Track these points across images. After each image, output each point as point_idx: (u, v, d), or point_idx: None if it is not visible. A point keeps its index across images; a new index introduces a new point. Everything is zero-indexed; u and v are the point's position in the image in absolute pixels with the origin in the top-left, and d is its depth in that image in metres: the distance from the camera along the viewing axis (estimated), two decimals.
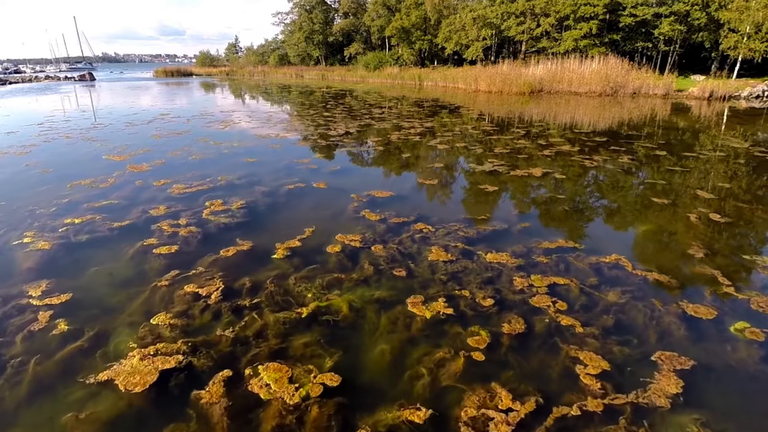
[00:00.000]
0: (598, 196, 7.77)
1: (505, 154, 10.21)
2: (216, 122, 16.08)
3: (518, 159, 9.83)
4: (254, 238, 5.55)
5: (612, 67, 26.25)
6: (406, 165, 9.50)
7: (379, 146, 11.60)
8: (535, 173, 8.54)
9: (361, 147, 11.59)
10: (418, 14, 42.69)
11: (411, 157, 10.26)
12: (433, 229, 5.78)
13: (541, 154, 10.25)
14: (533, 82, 27.17)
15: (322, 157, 10.39)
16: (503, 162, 9.47)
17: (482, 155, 10.20)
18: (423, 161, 9.88)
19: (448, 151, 10.85)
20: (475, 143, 11.64)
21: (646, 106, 20.65)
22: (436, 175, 8.56)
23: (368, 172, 9.10)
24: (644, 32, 30.64)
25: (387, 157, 10.50)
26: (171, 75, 62.43)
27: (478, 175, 8.54)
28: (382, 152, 10.91)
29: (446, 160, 9.92)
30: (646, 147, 11.17)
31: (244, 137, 12.89)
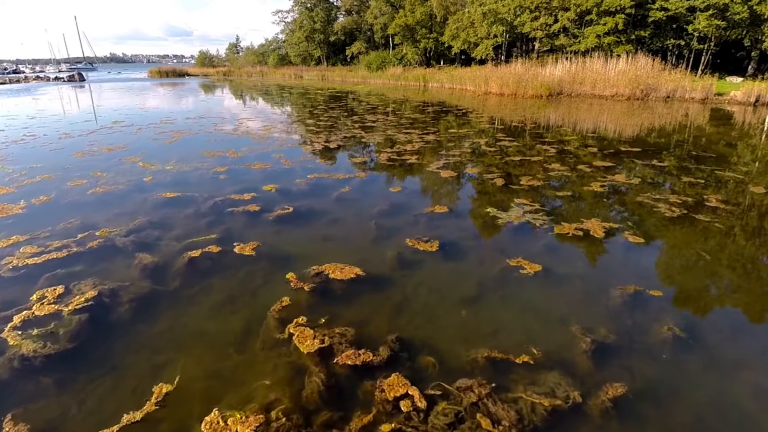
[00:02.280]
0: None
1: (538, 192, 7.18)
2: (173, 131, 13.24)
3: (560, 201, 6.79)
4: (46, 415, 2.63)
5: (641, 68, 23.09)
6: (390, 211, 6.50)
7: (360, 172, 8.62)
8: (594, 231, 5.50)
9: (333, 174, 8.62)
10: (423, 11, 39.71)
11: (400, 195, 7.26)
12: (431, 395, 2.83)
13: (591, 191, 7.21)
14: (551, 83, 24.10)
15: (272, 190, 7.44)
16: (538, 205, 6.44)
17: (505, 193, 7.18)
18: (416, 203, 6.88)
19: (453, 183, 7.85)
20: (492, 169, 8.63)
21: (686, 112, 17.49)
22: (433, 233, 5.55)
23: (329, 223, 6.12)
24: (675, 28, 27.42)
25: (365, 193, 7.52)
26: (165, 75, 60.07)
27: (503, 235, 5.53)
28: (361, 184, 7.94)
29: (450, 201, 6.91)
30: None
31: (186, 156, 9.99)
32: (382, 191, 7.43)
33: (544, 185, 7.40)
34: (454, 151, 10.23)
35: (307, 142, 11.58)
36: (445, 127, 14.25)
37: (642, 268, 4.65)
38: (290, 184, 7.78)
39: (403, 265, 4.69)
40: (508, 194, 6.98)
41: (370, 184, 7.90)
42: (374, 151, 10.52)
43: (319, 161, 9.45)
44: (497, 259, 4.75)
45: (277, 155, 9.98)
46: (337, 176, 8.28)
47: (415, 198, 7.01)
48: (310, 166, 9.07)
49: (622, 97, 22.51)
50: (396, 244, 5.17)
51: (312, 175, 8.31)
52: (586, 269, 4.62)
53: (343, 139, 11.95)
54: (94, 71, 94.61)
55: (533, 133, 12.71)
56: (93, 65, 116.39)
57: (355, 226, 5.94)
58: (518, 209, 6.16)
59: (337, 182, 7.94)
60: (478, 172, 8.26)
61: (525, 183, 7.50)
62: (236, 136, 12.62)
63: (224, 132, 13.31)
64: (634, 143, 11.08)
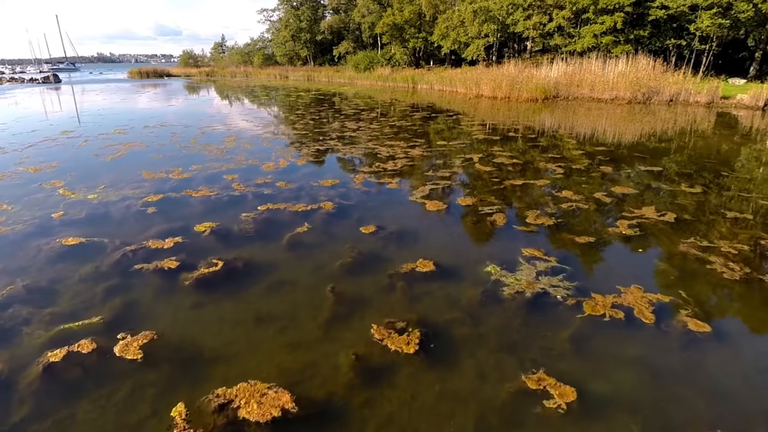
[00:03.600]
0: None
1: (550, 235, 5.57)
2: (122, 144, 11.49)
3: (582, 253, 5.17)
4: None
5: (642, 69, 21.69)
6: (357, 268, 4.85)
7: (326, 200, 6.95)
8: (639, 310, 3.89)
9: (293, 203, 6.95)
10: (412, 9, 38.11)
11: (373, 239, 5.61)
12: None
13: (618, 234, 5.61)
14: (547, 85, 22.62)
15: (206, 232, 5.78)
16: (554, 261, 4.83)
17: (508, 238, 5.56)
18: (393, 253, 5.23)
19: (441, 221, 6.22)
20: (489, 197, 7.02)
21: (693, 117, 16.06)
22: (413, 312, 3.91)
23: (269, 290, 4.47)
24: (675, 27, 26.11)
25: (329, 234, 5.88)
26: (146, 76, 57.74)
27: (512, 318, 3.89)
28: (326, 220, 6.29)
29: (438, 251, 5.25)
30: None
31: (120, 178, 8.28)
32: (351, 232, 5.77)
33: (556, 224, 5.79)
34: (443, 170, 8.60)
35: (271, 157, 9.88)
36: (433, 137, 12.63)
37: (722, 387, 3.05)
38: (233, 221, 6.09)
39: (364, 381, 3.06)
40: (513, 239, 5.36)
41: (337, 220, 6.24)
42: (349, 170, 8.86)
43: (279, 185, 7.76)
44: (507, 370, 3.13)
45: (230, 176, 8.28)
46: (297, 207, 6.61)
47: (392, 244, 5.36)
48: (267, 191, 7.38)
49: (623, 101, 21.10)
50: (357, 336, 3.53)
51: (265, 206, 6.63)
52: (645, 393, 3.00)
53: (315, 154, 10.27)
54: (76, 71, 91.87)
55: (533, 146, 11.14)
56: (75, 65, 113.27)
57: (306, 295, 4.29)
58: (529, 267, 4.53)
59: (296, 216, 6.27)
60: (472, 204, 6.63)
61: (532, 220, 5.88)
62: (191, 150, 10.88)
63: (179, 144, 11.56)
64: (651, 160, 9.56)
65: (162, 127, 14.75)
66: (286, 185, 7.74)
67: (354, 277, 4.58)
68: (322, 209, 6.54)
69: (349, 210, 6.58)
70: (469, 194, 7.10)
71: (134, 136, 12.92)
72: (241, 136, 12.61)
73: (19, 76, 59.52)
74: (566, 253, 4.93)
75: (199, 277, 4.61)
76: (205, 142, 11.92)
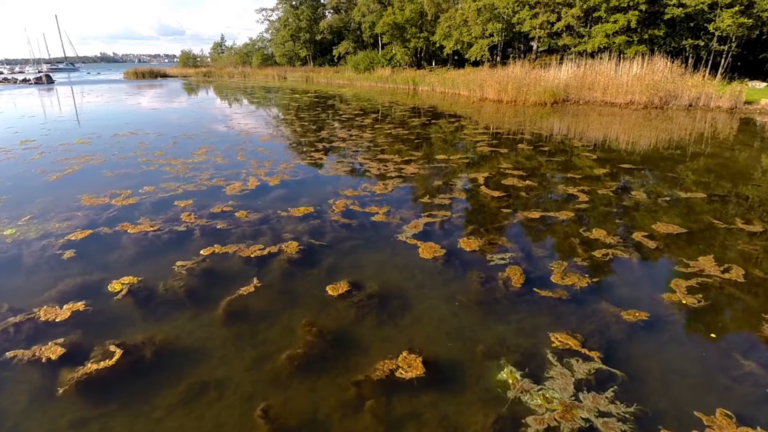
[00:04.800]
0: None
1: (585, 311, 4.11)
2: (78, 157, 10.11)
3: (636, 343, 3.69)
4: None
5: (660, 71, 20.13)
6: (316, 362, 3.41)
7: (287, 242, 5.50)
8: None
9: (244, 248, 5.52)
10: (413, 8, 36.63)
11: (342, 308, 4.18)
12: None
13: (676, 303, 4.16)
14: (556, 88, 21.11)
15: (122, 292, 4.39)
16: (597, 356, 3.39)
17: (530, 313, 4.08)
18: (367, 338, 3.79)
19: (438, 278, 4.74)
20: (500, 240, 5.54)
21: (724, 125, 14.53)
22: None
23: (179, 407, 3.05)
24: (692, 27, 24.55)
25: (284, 297, 4.46)
26: (142, 77, 56.52)
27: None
28: (282, 274, 4.86)
29: (432, 336, 3.79)
30: None
31: (53, 205, 6.88)
32: (315, 293, 4.32)
33: (591, 286, 4.31)
34: (441, 196, 7.13)
35: (241, 175, 8.44)
36: (432, 148, 11.17)
37: None
38: (162, 274, 4.65)
39: None
40: (535, 313, 3.89)
41: (300, 271, 4.78)
42: (330, 193, 7.40)
43: (239, 215, 6.32)
44: None
45: (183, 203, 6.84)
46: (252, 251, 5.16)
47: (367, 318, 3.90)
48: (220, 225, 5.94)
49: (638, 105, 19.56)
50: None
51: (210, 250, 5.18)
52: None
53: (293, 171, 8.83)
54: (75, 72, 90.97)
55: (548, 160, 9.66)
56: (75, 65, 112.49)
57: (234, 412, 2.84)
58: (562, 372, 3.07)
59: (246, 266, 4.83)
60: (478, 248, 5.15)
61: (558, 278, 4.40)
62: (152, 164, 9.45)
63: (143, 157, 10.15)
64: (688, 182, 8.06)
65: (133, 135, 13.34)
66: (246, 216, 6.29)
67: (303, 381, 3.13)
68: (284, 253, 5.09)
69: (319, 255, 5.12)
70: (473, 232, 5.62)
71: (97, 147, 11.53)
72: (215, 147, 11.18)
73: (12, 77, 58.39)
74: (613, 343, 3.46)
75: (85, 377, 3.18)
76: (172, 154, 10.49)
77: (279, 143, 11.78)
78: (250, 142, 11.86)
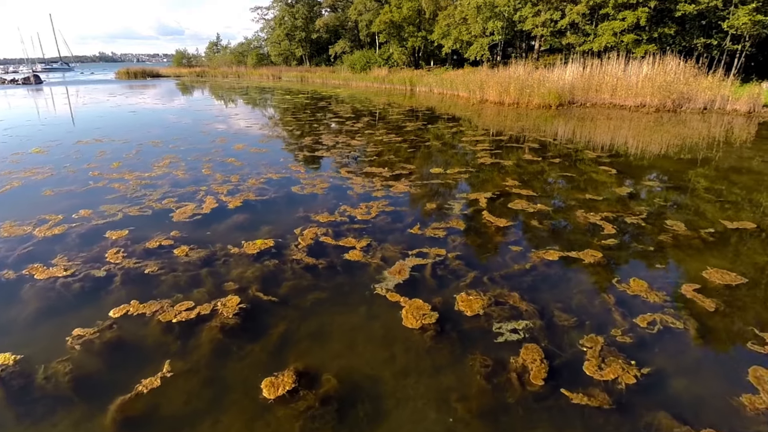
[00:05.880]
0: None
1: (638, 413, 2.82)
2: (22, 171, 8.84)
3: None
4: None
5: (672, 72, 18.84)
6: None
7: (232, 295, 4.22)
8: None
9: (171, 304, 4.23)
10: (411, 6, 35.32)
11: (288, 420, 2.87)
12: None
13: (759, 413, 2.83)
14: (561, 90, 19.82)
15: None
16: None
17: (564, 426, 2.77)
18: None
19: (421, 353, 3.48)
20: (509, 298, 4.26)
21: (748, 129, 13.24)
22: None
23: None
24: (704, 25, 23.29)
25: (209, 393, 3.15)
26: (134, 76, 55.18)
27: None
28: (214, 348, 3.63)
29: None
30: None
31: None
32: (249, 386, 3.02)
33: (643, 387, 3.01)
34: (435, 225, 5.83)
35: (198, 195, 7.13)
36: (426, 160, 9.89)
37: None
38: (53, 350, 3.36)
39: None
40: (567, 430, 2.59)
41: (230, 351, 3.49)
42: (298, 219, 6.10)
43: (178, 252, 5.02)
44: None
45: (115, 235, 5.54)
46: (171, 315, 3.86)
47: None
48: (150, 269, 4.64)
49: (650, 108, 18.28)
50: None
51: (121, 310, 3.89)
52: None
53: (259, 188, 7.52)
54: (70, 71, 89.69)
55: (561, 176, 8.37)
56: (70, 65, 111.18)
57: None
58: None
59: (159, 341, 3.56)
60: (481, 311, 3.84)
61: (594, 370, 3.11)
62: (102, 180, 8.16)
63: (94, 171, 8.85)
64: (734, 208, 6.78)
65: (97, 142, 12.04)
66: (187, 253, 4.99)
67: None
68: (218, 316, 3.80)
69: (266, 318, 3.83)
70: (475, 282, 4.32)
71: (51, 158, 10.22)
72: (180, 158, 9.88)
73: (1, 77, 57.01)
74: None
75: None
76: (129, 166, 9.19)
77: (254, 152, 10.48)
78: (222, 151, 10.56)
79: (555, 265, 4.61)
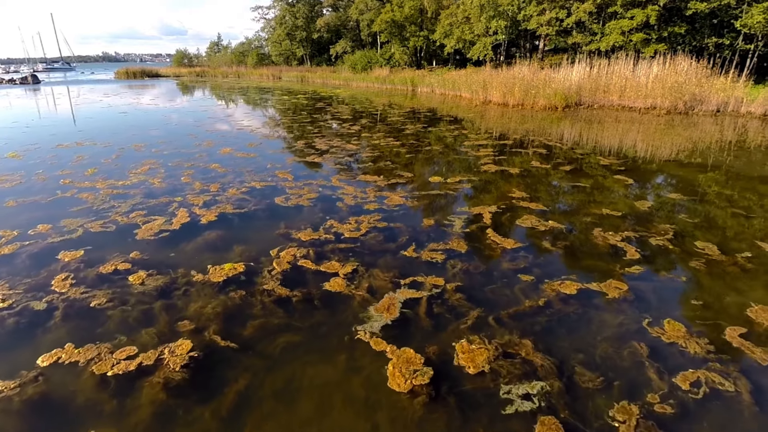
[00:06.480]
0: None
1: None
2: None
3: None
4: None
5: (683, 72, 18.07)
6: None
7: (171, 355, 3.52)
8: None
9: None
10: (413, 5, 34.59)
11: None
12: None
13: None
14: (568, 91, 19.08)
15: None
16: None
17: None
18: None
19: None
20: (523, 343, 3.58)
21: (759, 131, 12.49)
22: None
23: None
24: (714, 24, 22.49)
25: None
26: (133, 76, 54.67)
27: None
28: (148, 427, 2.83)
29: None
30: None
31: None
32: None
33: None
34: (433, 245, 5.12)
35: (170, 207, 6.44)
36: (426, 166, 9.19)
37: None
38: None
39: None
40: None
41: (173, 419, 2.79)
42: (277, 237, 5.41)
43: (133, 279, 4.34)
44: None
45: (69, 256, 4.87)
46: (107, 366, 3.18)
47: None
48: (93, 304, 3.96)
49: (661, 110, 17.51)
50: None
51: (51, 357, 3.23)
52: None
53: (239, 200, 6.83)
54: (71, 71, 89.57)
55: (573, 186, 7.65)
56: (71, 65, 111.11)
57: None
58: None
59: (89, 402, 2.87)
60: (488, 369, 3.13)
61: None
62: (68, 192, 7.48)
63: (65, 179, 8.19)
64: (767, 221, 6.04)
65: (78, 146, 11.39)
66: (143, 281, 4.30)
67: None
68: (162, 368, 3.12)
69: (224, 369, 3.13)
70: (479, 324, 3.62)
71: (26, 163, 9.59)
72: (161, 163, 9.21)
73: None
74: None
75: None
76: (105, 172, 8.53)
77: (241, 157, 9.79)
78: (206, 156, 9.88)
79: (573, 300, 3.90)
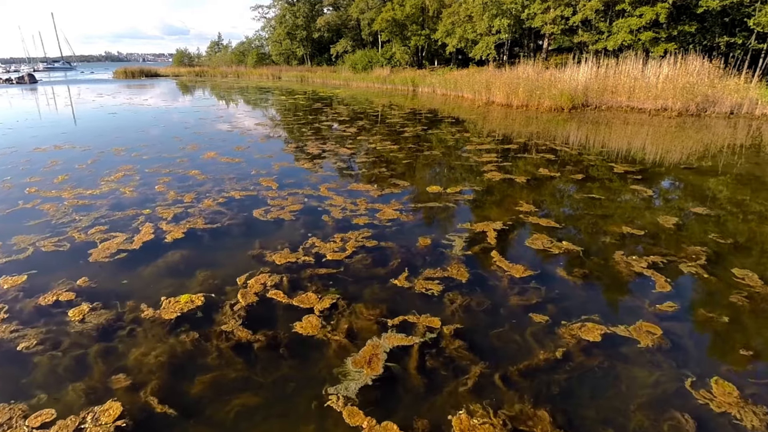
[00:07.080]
0: None
1: None
2: None
3: None
4: None
5: (695, 73, 17.29)
6: None
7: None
8: None
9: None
10: (414, 3, 33.85)
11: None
12: None
13: None
14: (575, 91, 18.34)
15: None
16: None
17: None
18: None
19: None
20: (541, 415, 2.82)
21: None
22: None
23: None
24: (725, 23, 21.71)
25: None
26: (132, 76, 54.10)
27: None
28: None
29: None
30: None
31: None
32: None
33: None
34: (429, 271, 4.41)
35: (136, 220, 5.75)
36: (424, 173, 8.48)
37: None
38: None
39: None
40: None
41: None
42: (250, 259, 4.71)
43: (70, 316, 3.64)
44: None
45: (7, 284, 4.18)
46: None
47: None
48: (21, 347, 3.29)
49: (672, 112, 16.75)
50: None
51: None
52: None
53: (214, 213, 6.13)
54: (72, 70, 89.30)
55: (587, 197, 6.92)
56: (72, 64, 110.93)
57: None
58: None
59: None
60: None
61: None
62: (30, 202, 6.80)
63: (31, 187, 7.52)
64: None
65: (56, 149, 10.74)
66: (85, 316, 3.62)
67: None
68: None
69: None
70: (481, 386, 2.90)
71: (10, 166, 8.93)
72: (138, 169, 8.53)
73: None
74: None
75: None
76: (76, 179, 7.85)
77: (225, 162, 9.10)
78: (188, 161, 9.19)
79: (597, 350, 3.18)
